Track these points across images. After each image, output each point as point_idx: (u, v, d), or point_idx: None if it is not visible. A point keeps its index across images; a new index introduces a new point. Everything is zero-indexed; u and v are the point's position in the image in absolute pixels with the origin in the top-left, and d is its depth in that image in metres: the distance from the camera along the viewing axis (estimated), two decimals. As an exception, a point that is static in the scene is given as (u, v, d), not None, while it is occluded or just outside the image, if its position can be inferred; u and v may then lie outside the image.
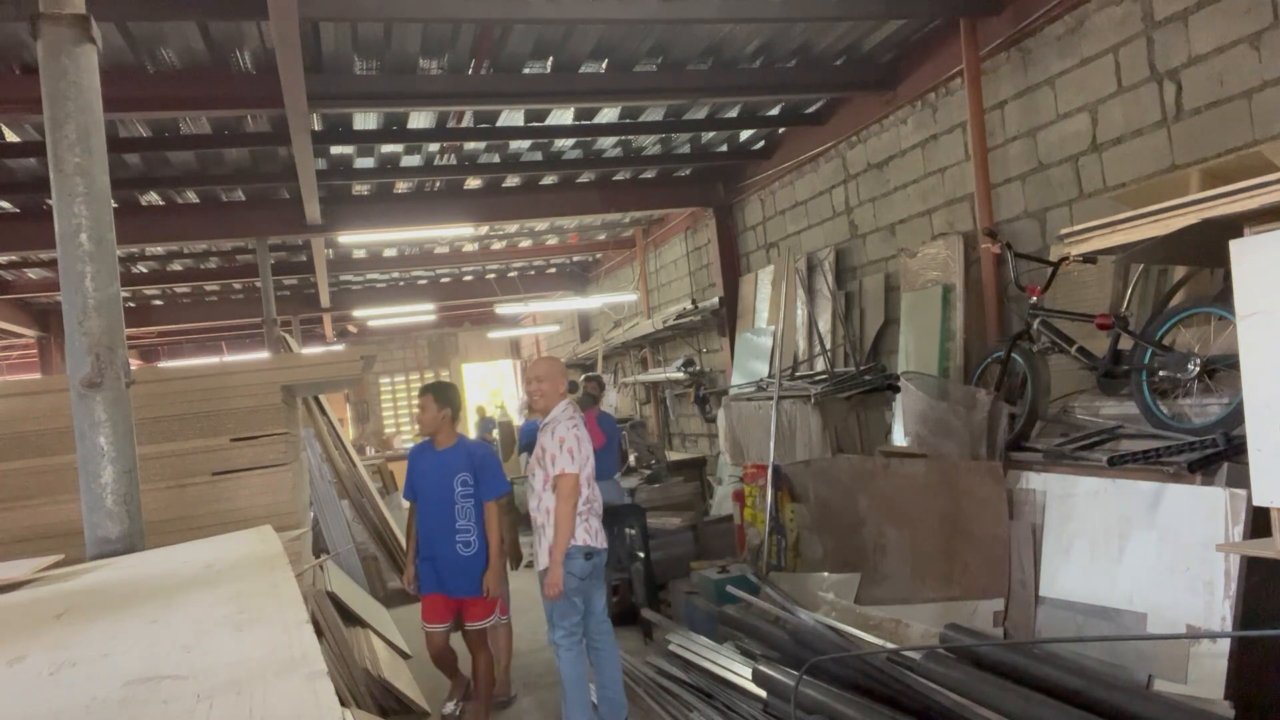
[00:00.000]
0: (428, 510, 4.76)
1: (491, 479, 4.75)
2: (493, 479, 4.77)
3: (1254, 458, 2.53)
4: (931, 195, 6.05)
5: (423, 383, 20.59)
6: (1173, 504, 3.32)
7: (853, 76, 6.30)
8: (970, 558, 4.18)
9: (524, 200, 8.90)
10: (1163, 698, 3.03)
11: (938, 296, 5.70)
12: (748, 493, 5.88)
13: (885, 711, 3.40)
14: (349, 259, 11.39)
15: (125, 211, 7.67)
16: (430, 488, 4.75)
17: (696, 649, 4.88)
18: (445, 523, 4.67)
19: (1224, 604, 3.07)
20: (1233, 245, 2.59)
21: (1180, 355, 3.58)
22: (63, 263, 2.75)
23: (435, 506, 4.72)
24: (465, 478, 4.68)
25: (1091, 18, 4.62)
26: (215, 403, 4.45)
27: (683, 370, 10.30)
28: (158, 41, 4.85)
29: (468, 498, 4.68)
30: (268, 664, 1.29)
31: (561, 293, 14.86)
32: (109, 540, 2.72)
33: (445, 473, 4.71)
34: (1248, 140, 3.85)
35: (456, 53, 5.42)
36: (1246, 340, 2.54)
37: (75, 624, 1.75)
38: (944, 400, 4.58)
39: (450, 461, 4.73)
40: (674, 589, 6.15)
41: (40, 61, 2.75)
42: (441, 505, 4.70)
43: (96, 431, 2.71)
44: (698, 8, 4.82)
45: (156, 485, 4.22)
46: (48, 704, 1.25)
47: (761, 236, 8.67)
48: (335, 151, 7.04)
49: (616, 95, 6.12)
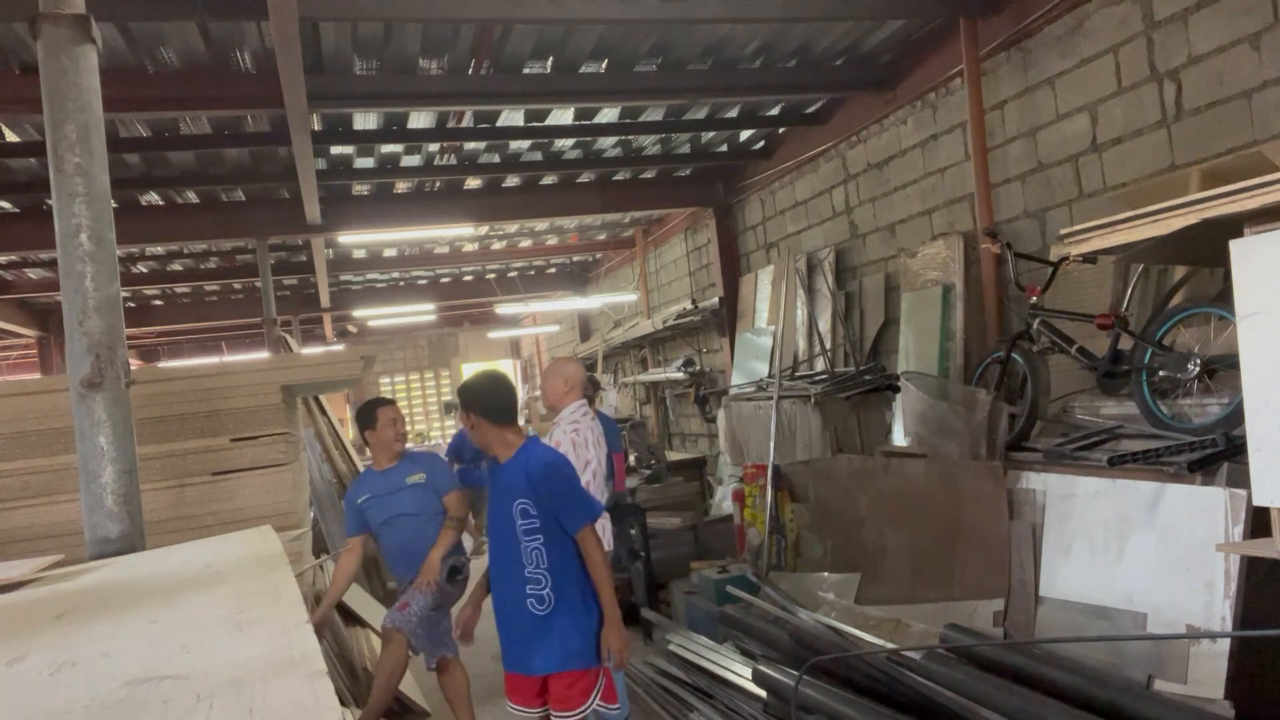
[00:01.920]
0: (491, 551, 3.40)
1: (568, 502, 3.21)
2: (570, 501, 3.22)
3: (1254, 458, 2.52)
4: (931, 195, 6.05)
5: (423, 383, 20.74)
6: (1173, 504, 3.32)
7: (853, 76, 6.30)
8: (970, 558, 4.18)
9: (524, 200, 8.90)
10: (1163, 698, 3.03)
11: (938, 296, 5.70)
12: (748, 493, 5.87)
13: (885, 711, 3.40)
14: (349, 259, 11.39)
15: (125, 211, 7.67)
16: (491, 520, 3.38)
17: (696, 649, 4.87)
18: (509, 569, 3.29)
19: (1224, 604, 3.07)
20: (1233, 245, 2.59)
21: (1180, 355, 3.58)
22: (63, 263, 2.75)
23: (495, 547, 3.36)
24: (525, 505, 3.20)
25: (1091, 18, 4.62)
26: (215, 403, 4.45)
27: (683, 370, 10.30)
28: (158, 41, 4.85)
29: (533, 534, 3.21)
30: (268, 664, 1.29)
31: (561, 293, 14.86)
32: (109, 540, 2.72)
33: (504, 497, 3.30)
34: (1248, 140, 3.84)
35: (456, 53, 5.42)
36: (1246, 340, 2.54)
37: (75, 624, 1.76)
38: (944, 400, 4.58)
39: (509, 483, 3.30)
40: (674, 589, 6.15)
41: (40, 61, 2.75)
42: (503, 546, 3.30)
43: (96, 431, 2.71)
44: (698, 8, 4.82)
45: (156, 485, 4.23)
46: (48, 704, 1.25)
47: (761, 236, 8.67)
48: (335, 151, 7.04)
49: (616, 95, 6.12)
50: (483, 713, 4.99)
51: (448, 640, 4.51)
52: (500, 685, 3.37)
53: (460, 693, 4.54)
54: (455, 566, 4.51)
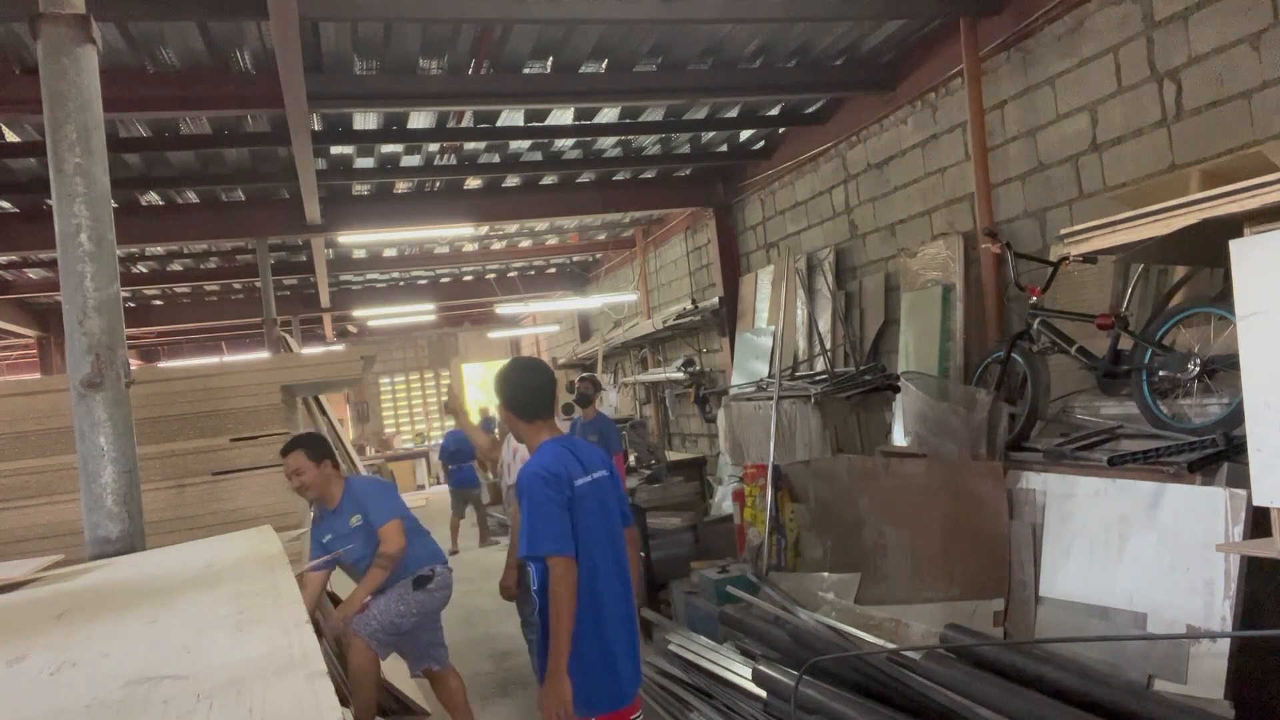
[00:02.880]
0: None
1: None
2: (523, 524, 2.89)
3: (1254, 458, 2.52)
4: (931, 195, 6.05)
5: (423, 383, 20.73)
6: (1173, 504, 3.32)
7: (852, 76, 6.30)
8: (970, 558, 4.18)
9: (524, 200, 8.90)
10: (1163, 698, 3.03)
11: (938, 296, 5.70)
12: (748, 493, 5.87)
13: (885, 711, 3.40)
14: (349, 259, 11.39)
15: (125, 211, 7.67)
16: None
17: (696, 649, 4.87)
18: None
19: (1224, 604, 3.07)
20: (1233, 245, 2.59)
21: (1180, 355, 3.58)
22: (63, 263, 2.74)
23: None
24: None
25: (1091, 18, 4.62)
26: (215, 403, 4.46)
27: (683, 370, 10.30)
28: (158, 41, 4.85)
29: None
30: (268, 664, 1.29)
31: (561, 293, 14.86)
32: (109, 540, 2.71)
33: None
34: (1248, 140, 3.84)
35: (456, 53, 5.42)
36: (1246, 340, 2.54)
37: (75, 624, 1.76)
38: (944, 400, 4.58)
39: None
40: (674, 589, 6.15)
41: (40, 61, 2.75)
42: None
43: (96, 431, 2.71)
44: (698, 8, 4.82)
45: (156, 485, 4.23)
46: (48, 704, 1.25)
47: (761, 236, 8.67)
48: (335, 151, 7.04)
49: (616, 95, 6.12)
50: (484, 713, 5.00)
51: (434, 653, 4.46)
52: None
53: (457, 700, 4.48)
54: (423, 576, 4.36)
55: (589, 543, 2.88)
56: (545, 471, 2.85)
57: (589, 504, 2.92)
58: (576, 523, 2.85)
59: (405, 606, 4.30)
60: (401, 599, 4.29)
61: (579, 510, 2.87)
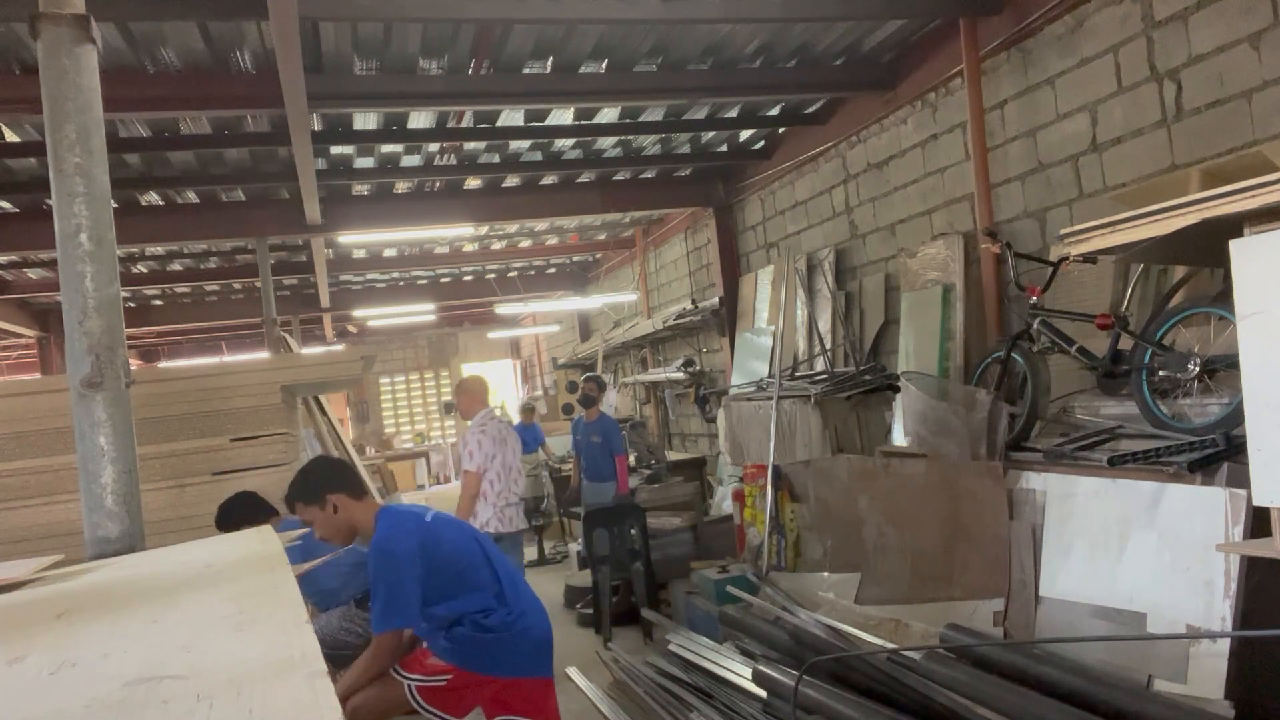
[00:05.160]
0: None
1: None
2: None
3: (1254, 458, 2.52)
4: (931, 195, 6.05)
5: (423, 383, 20.72)
6: (1173, 504, 3.32)
7: (853, 76, 6.30)
8: (970, 558, 4.18)
9: (524, 200, 8.90)
10: (1163, 698, 3.03)
11: (938, 296, 5.70)
12: (748, 493, 5.88)
13: (885, 711, 3.40)
14: (349, 259, 11.39)
15: (125, 211, 7.67)
16: None
17: (696, 649, 4.87)
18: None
19: (1224, 604, 3.07)
20: (1233, 245, 2.59)
21: (1180, 355, 3.58)
22: (63, 263, 2.74)
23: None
24: None
25: (1091, 18, 4.62)
26: (215, 403, 4.46)
27: (683, 370, 10.30)
28: (158, 41, 4.85)
29: None
30: (268, 664, 1.28)
31: (561, 293, 14.86)
32: (109, 540, 2.71)
33: None
34: (1248, 140, 3.84)
35: (456, 53, 5.42)
36: (1246, 340, 2.54)
37: (75, 624, 1.75)
38: (944, 400, 4.58)
39: None
40: (674, 589, 6.16)
41: (40, 61, 2.75)
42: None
43: (96, 431, 2.71)
44: (698, 8, 4.82)
45: (156, 485, 4.23)
46: (48, 704, 1.25)
47: (761, 236, 8.67)
48: (335, 151, 7.04)
49: (616, 95, 6.12)
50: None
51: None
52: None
53: None
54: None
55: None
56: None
57: None
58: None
59: (350, 624, 4.20)
60: (346, 615, 4.21)
61: None
